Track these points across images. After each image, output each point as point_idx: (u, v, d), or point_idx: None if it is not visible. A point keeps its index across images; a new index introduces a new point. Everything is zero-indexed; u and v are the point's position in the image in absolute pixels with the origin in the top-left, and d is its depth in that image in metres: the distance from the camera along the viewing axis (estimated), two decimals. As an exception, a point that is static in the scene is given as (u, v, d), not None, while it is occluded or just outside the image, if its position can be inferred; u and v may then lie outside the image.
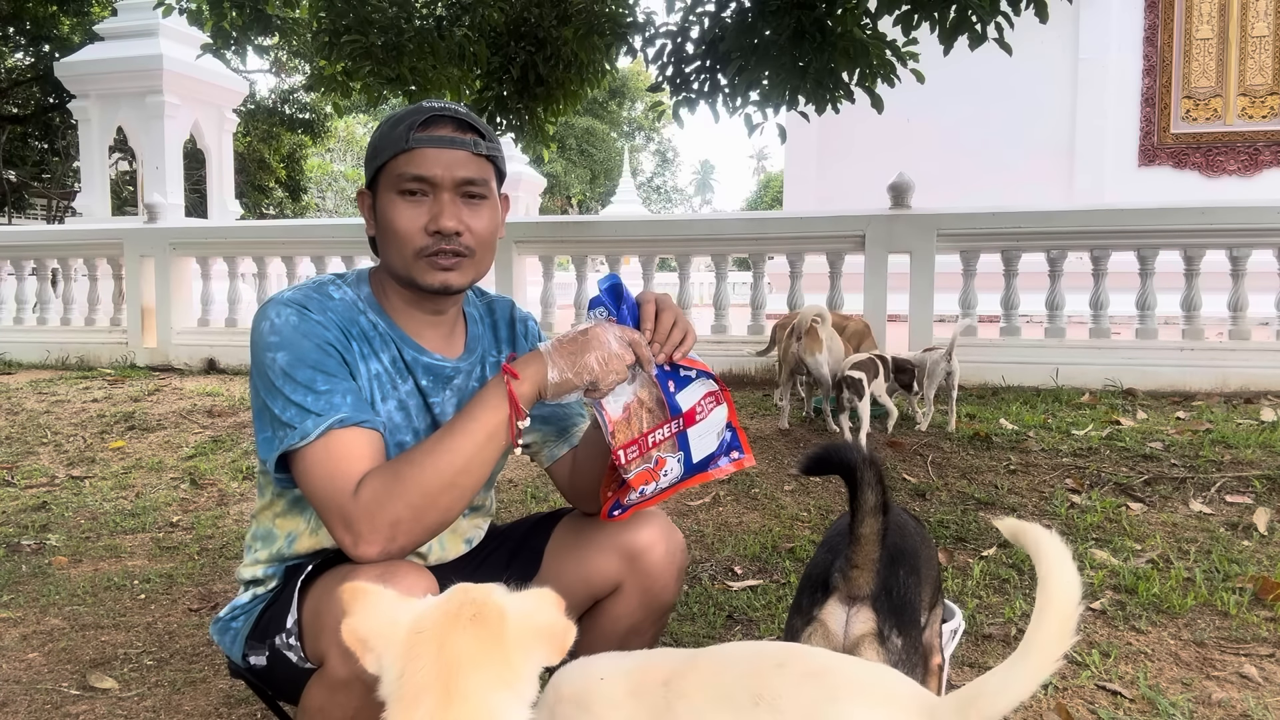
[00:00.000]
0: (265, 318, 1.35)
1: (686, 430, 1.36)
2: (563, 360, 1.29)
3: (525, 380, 1.29)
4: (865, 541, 1.31)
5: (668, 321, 1.37)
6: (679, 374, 1.37)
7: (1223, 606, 2.40)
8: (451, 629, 0.87)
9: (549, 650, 0.90)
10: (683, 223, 7.53)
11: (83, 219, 10.06)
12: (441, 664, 0.85)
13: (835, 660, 1.10)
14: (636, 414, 1.33)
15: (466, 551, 1.59)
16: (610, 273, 1.46)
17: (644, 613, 1.50)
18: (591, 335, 1.31)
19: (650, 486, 1.35)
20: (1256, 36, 11.63)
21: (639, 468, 1.33)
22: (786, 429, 4.44)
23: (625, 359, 1.31)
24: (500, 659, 0.87)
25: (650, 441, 1.33)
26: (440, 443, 1.27)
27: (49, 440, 4.69)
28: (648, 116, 41.61)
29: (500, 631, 0.88)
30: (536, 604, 0.93)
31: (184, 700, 2.05)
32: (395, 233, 1.38)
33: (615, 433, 1.31)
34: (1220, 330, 5.87)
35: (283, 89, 21.21)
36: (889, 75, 4.40)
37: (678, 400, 1.35)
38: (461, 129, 1.39)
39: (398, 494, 1.22)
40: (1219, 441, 4.01)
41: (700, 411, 1.37)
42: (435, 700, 0.83)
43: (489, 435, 1.27)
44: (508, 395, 1.27)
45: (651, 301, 1.38)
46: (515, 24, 5.32)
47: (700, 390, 1.37)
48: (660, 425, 1.34)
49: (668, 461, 1.36)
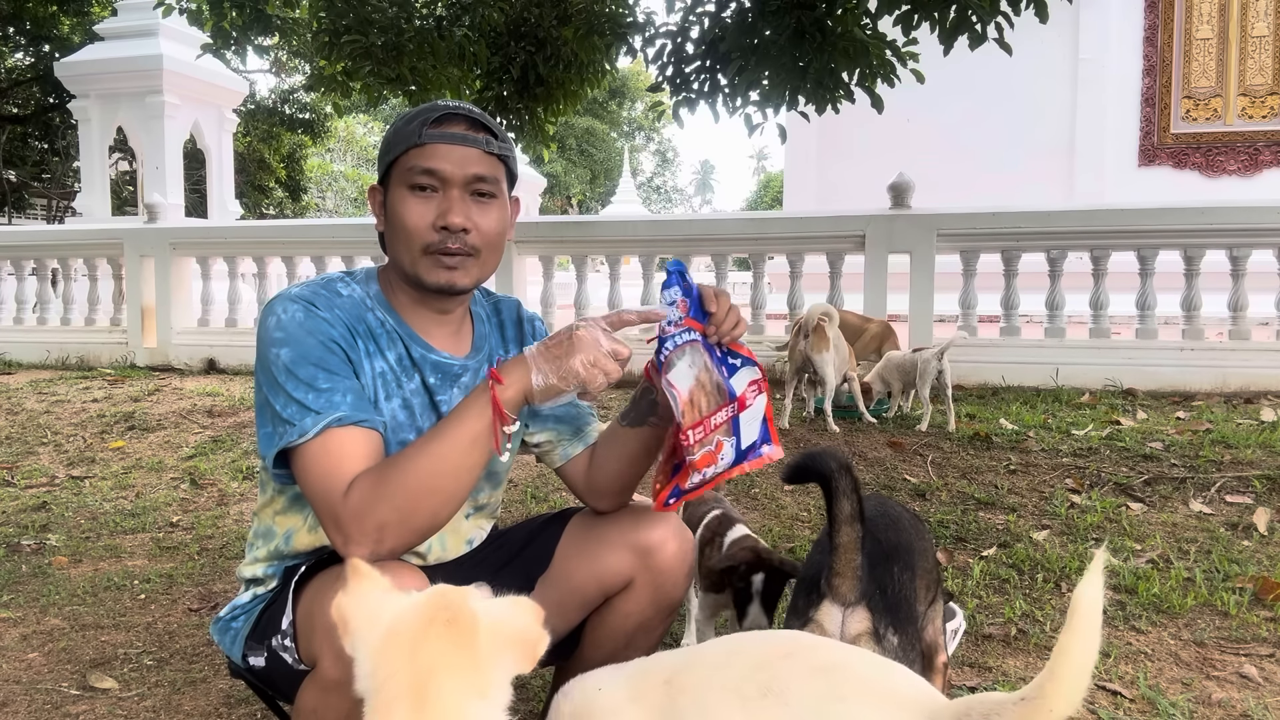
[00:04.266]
0: (272, 313, 1.35)
1: (739, 415, 1.38)
2: (547, 364, 1.28)
3: (509, 386, 1.27)
4: (844, 550, 1.31)
5: (725, 306, 1.38)
6: (729, 359, 1.39)
7: (1223, 606, 2.40)
8: (425, 633, 0.87)
9: (519, 658, 0.89)
10: (683, 223, 7.53)
11: (83, 219, 10.06)
12: (415, 670, 0.85)
13: (844, 655, 1.09)
14: (698, 395, 1.34)
15: (467, 551, 1.59)
16: (675, 259, 1.44)
17: (654, 609, 1.51)
18: (577, 338, 1.29)
19: (710, 470, 1.36)
20: (1256, 36, 11.63)
21: (703, 450, 1.33)
22: (786, 428, 4.44)
23: (620, 354, 1.30)
24: (471, 665, 0.86)
25: (713, 424, 1.35)
26: (425, 447, 1.26)
27: (49, 440, 4.69)
28: (648, 116, 41.62)
29: (473, 637, 0.87)
30: (511, 611, 0.92)
31: (184, 700, 2.05)
32: (403, 227, 1.38)
33: (685, 412, 1.31)
34: (1220, 330, 5.87)
35: (283, 89, 21.21)
36: (889, 75, 4.41)
37: (732, 384, 1.37)
38: (474, 127, 1.39)
39: (384, 497, 1.22)
40: (1219, 441, 4.01)
41: (749, 398, 1.39)
42: (408, 709, 0.83)
43: (473, 440, 1.26)
44: (492, 401, 1.26)
45: (710, 288, 1.40)
46: (515, 24, 5.32)
47: (748, 376, 1.40)
48: (720, 408, 1.36)
49: (724, 446, 1.37)
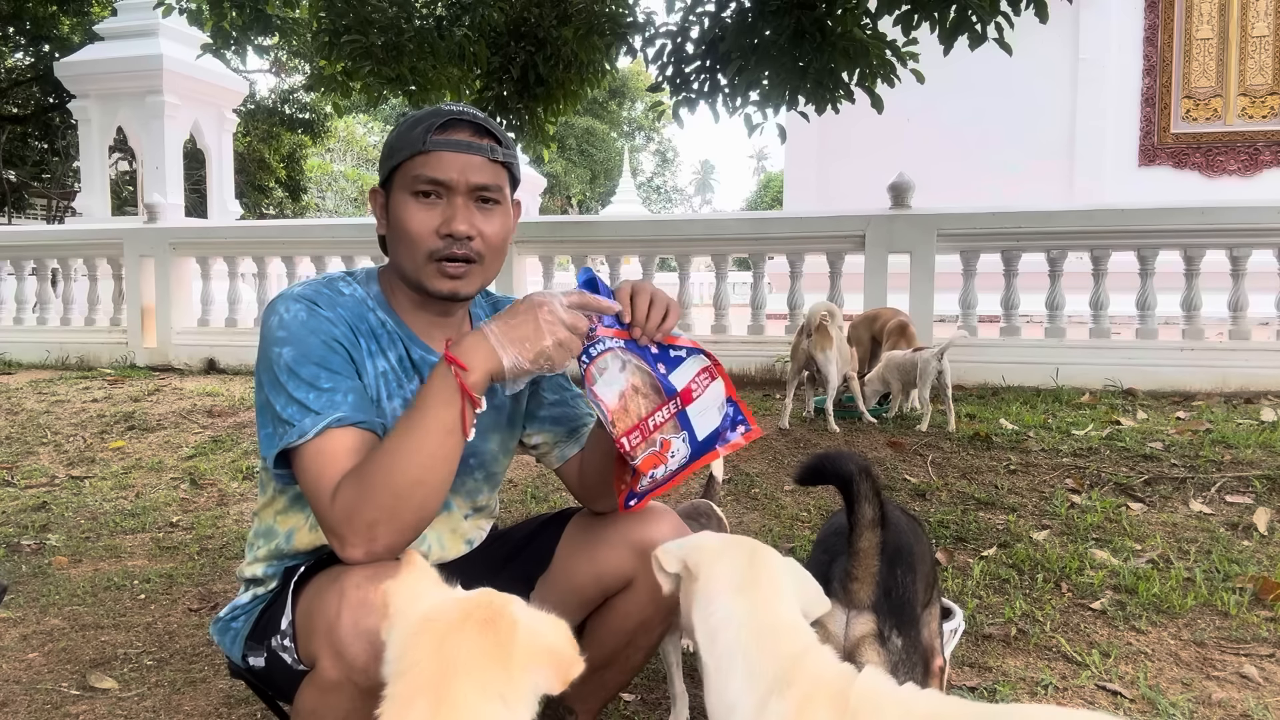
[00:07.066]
0: (275, 312, 1.35)
1: (685, 409, 1.36)
2: (515, 346, 1.25)
3: (475, 370, 1.24)
4: (864, 555, 1.30)
5: (643, 303, 1.35)
6: (668, 354, 1.37)
7: (1223, 606, 2.40)
8: (459, 627, 0.86)
9: (552, 674, 0.88)
10: (683, 223, 7.53)
11: (83, 219, 10.06)
12: (439, 663, 0.84)
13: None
14: (633, 399, 1.33)
15: (467, 552, 1.59)
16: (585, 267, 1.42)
17: (654, 609, 1.51)
18: (539, 314, 1.27)
19: (660, 470, 1.35)
20: (1256, 36, 11.63)
21: (645, 452, 1.32)
22: (787, 428, 4.44)
23: (579, 327, 1.28)
24: (501, 668, 0.85)
25: (651, 425, 1.33)
26: (401, 441, 1.24)
27: (49, 440, 4.69)
28: (648, 116, 41.60)
29: (508, 641, 0.86)
30: (551, 627, 0.92)
31: (184, 700, 2.05)
32: (407, 234, 1.38)
33: (615, 421, 1.30)
34: (1220, 330, 5.87)
35: (283, 89, 21.21)
36: (889, 75, 4.41)
37: (671, 381, 1.35)
38: (479, 134, 1.39)
39: (368, 496, 1.21)
40: (1219, 441, 4.01)
41: (696, 389, 1.36)
42: (427, 705, 0.82)
43: (447, 430, 1.24)
44: (459, 388, 1.23)
45: (626, 287, 1.37)
46: (515, 24, 5.32)
47: (694, 367, 1.37)
48: (659, 408, 1.34)
49: (673, 443, 1.35)
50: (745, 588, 1.11)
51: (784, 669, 1.03)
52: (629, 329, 1.35)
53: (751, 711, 1.03)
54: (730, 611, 1.09)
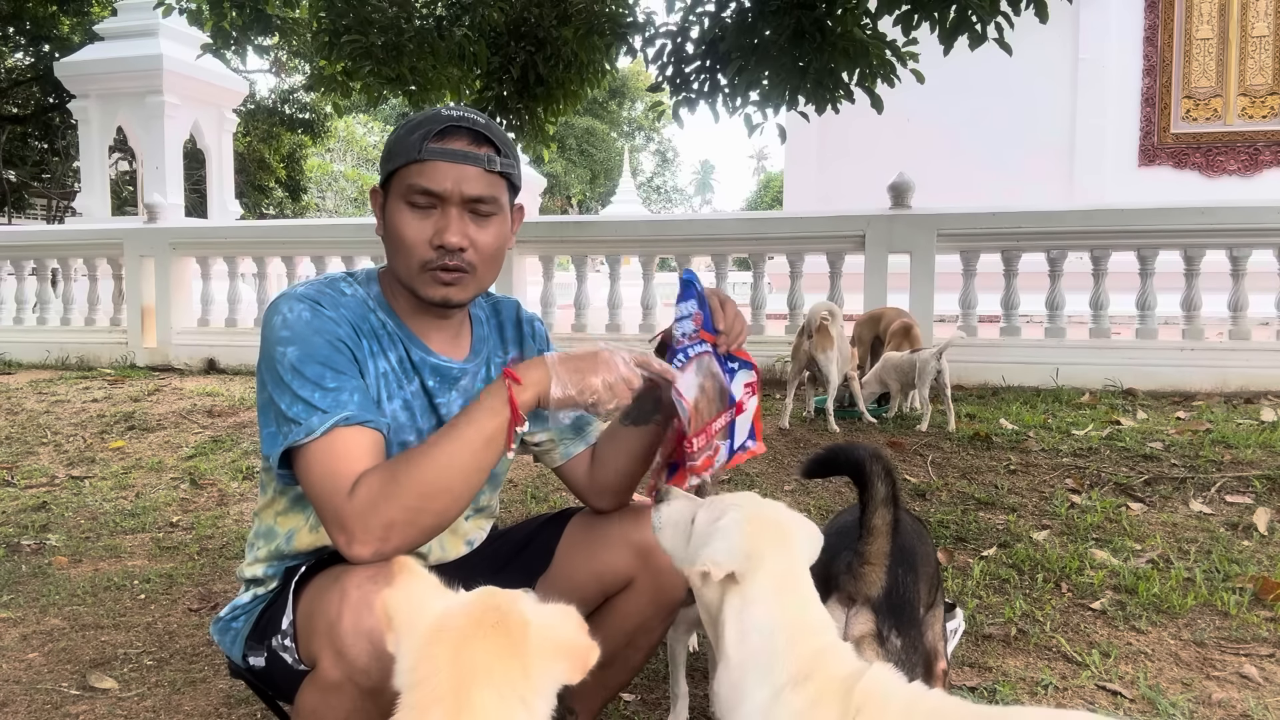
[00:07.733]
0: (278, 312, 1.35)
1: (735, 419, 1.42)
2: (568, 376, 1.29)
3: (528, 388, 1.28)
4: (878, 534, 1.31)
5: (732, 313, 1.41)
6: (728, 364, 1.42)
7: (1223, 606, 2.40)
8: (472, 635, 0.85)
9: (569, 668, 0.88)
10: (683, 223, 7.53)
11: (83, 219, 10.06)
12: (456, 672, 0.83)
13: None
14: (703, 404, 1.37)
15: (467, 552, 1.59)
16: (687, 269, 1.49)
17: (654, 609, 1.52)
18: (601, 358, 1.31)
19: (707, 473, 1.39)
20: (1256, 36, 11.63)
21: (703, 455, 1.37)
22: (787, 428, 4.44)
23: (633, 383, 1.32)
24: (518, 670, 0.84)
25: (713, 430, 1.38)
26: (438, 446, 1.25)
27: (49, 440, 4.69)
28: (648, 116, 41.59)
29: (522, 642, 0.86)
30: (561, 619, 0.91)
31: (184, 700, 2.05)
32: (401, 242, 1.38)
33: (691, 422, 1.33)
34: (1220, 330, 5.87)
35: (283, 89, 21.21)
36: (889, 75, 4.40)
37: (733, 390, 1.41)
38: (477, 142, 1.37)
39: (393, 496, 1.21)
40: (1219, 441, 4.01)
41: (745, 402, 1.43)
42: (446, 712, 0.81)
43: (487, 440, 1.26)
44: (509, 401, 1.26)
45: (715, 294, 1.41)
46: (515, 24, 5.32)
47: (744, 380, 1.44)
48: (721, 414, 1.39)
49: (721, 449, 1.41)
50: (785, 591, 1.11)
51: (804, 665, 1.05)
52: (718, 336, 1.40)
53: (764, 703, 1.04)
54: (768, 615, 1.09)
